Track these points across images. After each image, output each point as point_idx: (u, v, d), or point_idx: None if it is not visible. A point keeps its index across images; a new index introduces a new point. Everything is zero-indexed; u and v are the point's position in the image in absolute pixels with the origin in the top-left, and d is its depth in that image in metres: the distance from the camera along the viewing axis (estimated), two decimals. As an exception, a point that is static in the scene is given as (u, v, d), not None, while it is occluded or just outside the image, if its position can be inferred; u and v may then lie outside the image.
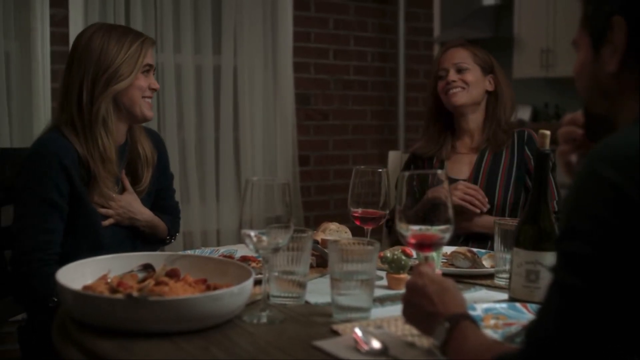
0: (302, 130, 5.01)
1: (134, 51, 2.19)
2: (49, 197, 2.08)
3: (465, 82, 2.66)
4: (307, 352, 1.29)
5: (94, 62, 2.16)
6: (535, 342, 0.99)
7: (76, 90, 2.16)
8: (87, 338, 1.34)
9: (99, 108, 2.15)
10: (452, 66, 2.68)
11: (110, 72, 2.16)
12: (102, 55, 2.16)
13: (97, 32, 2.19)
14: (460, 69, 2.67)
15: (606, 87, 1.15)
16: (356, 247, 1.50)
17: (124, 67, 2.17)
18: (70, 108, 2.17)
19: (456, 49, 2.74)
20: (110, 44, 2.17)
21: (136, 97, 2.22)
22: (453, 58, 2.70)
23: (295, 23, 4.89)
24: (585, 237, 0.96)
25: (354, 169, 1.99)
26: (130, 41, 2.20)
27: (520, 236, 1.62)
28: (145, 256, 1.68)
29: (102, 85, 2.15)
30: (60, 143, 2.12)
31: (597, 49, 1.15)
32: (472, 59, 2.70)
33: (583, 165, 1.00)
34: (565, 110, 6.00)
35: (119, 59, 2.17)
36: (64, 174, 2.10)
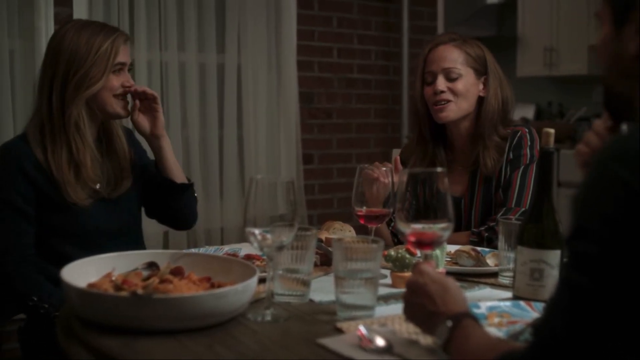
0: (306, 128, 5.01)
1: (104, 51, 2.12)
2: (12, 202, 2.08)
3: (455, 92, 2.34)
4: (311, 350, 1.29)
5: (64, 64, 2.11)
6: (543, 340, 0.98)
7: (47, 92, 2.13)
8: (91, 336, 1.34)
9: (71, 113, 2.11)
10: (440, 71, 2.34)
11: (81, 75, 2.10)
12: (71, 56, 2.10)
13: (69, 31, 2.14)
14: (450, 77, 2.34)
15: (626, 67, 1.12)
16: (360, 246, 1.50)
17: (94, 70, 2.11)
18: (41, 111, 2.14)
19: (446, 47, 2.37)
20: (80, 45, 2.11)
21: (107, 98, 2.16)
22: (443, 60, 2.35)
23: (299, 21, 4.89)
24: (594, 236, 0.95)
25: (358, 168, 1.99)
26: (100, 41, 2.12)
27: (524, 235, 1.62)
28: (150, 254, 1.69)
29: (72, 89, 2.10)
30: (21, 149, 2.11)
31: (619, 26, 1.12)
32: (465, 60, 2.36)
33: (593, 163, 1.00)
34: (570, 109, 6.00)
35: (89, 61, 2.10)
36: (26, 179, 2.09)
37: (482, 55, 2.40)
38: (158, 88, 4.19)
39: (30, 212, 2.11)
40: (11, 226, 2.09)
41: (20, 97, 3.84)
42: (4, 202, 2.08)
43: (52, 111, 2.12)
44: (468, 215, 2.40)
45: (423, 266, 1.31)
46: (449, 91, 2.34)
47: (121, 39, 2.17)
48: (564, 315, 0.97)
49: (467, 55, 2.36)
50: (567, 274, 0.99)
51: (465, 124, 2.40)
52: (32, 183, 2.10)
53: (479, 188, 2.39)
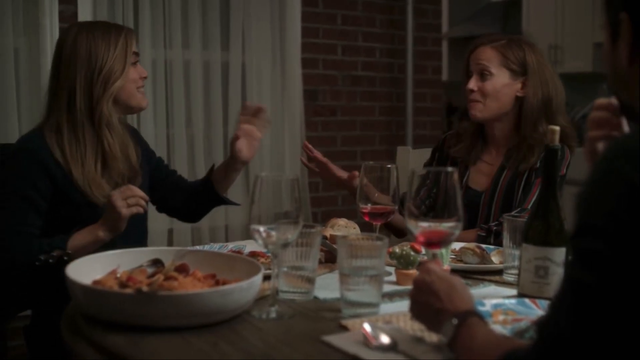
0: (310, 126, 5.01)
1: (121, 46, 2.20)
2: (26, 194, 2.09)
3: (484, 93, 2.43)
4: (315, 348, 1.29)
5: (85, 64, 2.16)
6: (547, 338, 0.98)
7: (65, 94, 2.17)
8: (96, 333, 1.35)
9: (102, 110, 2.16)
10: (476, 68, 2.46)
11: (106, 72, 2.17)
12: (93, 56, 2.16)
13: (80, 33, 2.19)
14: (483, 73, 2.43)
15: (623, 77, 1.14)
16: (365, 243, 1.50)
17: (116, 65, 2.18)
18: (59, 112, 2.17)
19: (485, 48, 2.47)
20: (97, 44, 2.17)
21: (132, 90, 2.25)
22: (479, 58, 2.45)
23: (304, 19, 4.88)
24: (599, 233, 0.95)
25: (363, 165, 1.99)
26: (115, 37, 2.20)
27: (529, 232, 1.62)
28: (155, 251, 1.69)
29: (100, 87, 2.16)
30: (41, 144, 2.14)
31: (614, 40, 1.14)
32: (499, 61, 2.44)
33: (598, 161, 1.00)
34: (574, 107, 5.98)
35: (111, 57, 2.18)
36: (43, 171, 2.11)
37: (522, 57, 2.46)
38: (162, 86, 4.19)
39: (43, 205, 2.12)
40: (20, 218, 2.09)
41: (25, 94, 3.84)
42: (16, 194, 2.09)
43: (75, 112, 2.16)
44: (487, 210, 2.45)
45: (430, 264, 1.31)
46: (478, 91, 2.44)
47: (131, 32, 2.26)
48: (569, 313, 0.97)
49: (503, 57, 2.44)
50: (572, 271, 0.99)
51: (500, 124, 2.49)
52: (51, 178, 2.12)
53: (502, 185, 2.44)
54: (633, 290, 0.93)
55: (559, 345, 0.96)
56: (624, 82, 1.15)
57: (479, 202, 2.46)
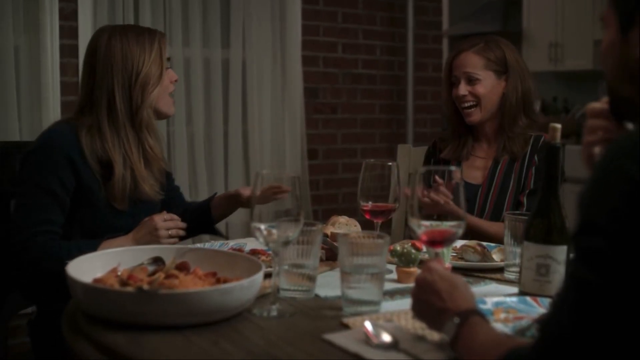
0: (311, 123, 5.01)
1: (156, 51, 2.20)
2: (50, 188, 2.07)
3: (477, 95, 2.55)
4: (317, 346, 1.29)
5: (121, 68, 2.15)
6: (549, 336, 0.98)
7: (105, 95, 2.15)
8: (97, 331, 1.35)
9: (142, 115, 2.17)
10: (462, 75, 2.57)
11: (143, 77, 2.16)
12: (129, 60, 2.16)
13: (114, 36, 2.17)
14: (471, 78, 2.55)
15: (633, 71, 1.12)
16: (366, 241, 1.50)
17: (153, 70, 2.18)
18: (98, 112, 2.15)
19: (467, 54, 2.58)
20: (132, 48, 2.16)
21: (164, 95, 2.24)
22: (464, 65, 2.57)
23: (304, 16, 4.88)
24: (602, 231, 0.95)
25: (364, 163, 1.99)
26: (149, 42, 2.19)
27: (530, 230, 1.61)
28: (155, 249, 1.69)
29: (139, 91, 2.16)
30: (68, 137, 2.11)
31: (625, 31, 1.12)
32: (484, 64, 2.56)
33: (601, 159, 0.99)
34: (575, 105, 5.98)
35: (147, 61, 2.17)
36: (70, 168, 2.09)
37: (502, 56, 2.58)
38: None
39: (66, 201, 2.10)
40: (44, 213, 2.07)
41: (25, 92, 3.84)
42: (40, 187, 2.07)
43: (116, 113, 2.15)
44: (483, 203, 2.55)
45: (432, 263, 1.31)
46: (470, 94, 2.56)
47: (163, 36, 2.26)
48: (571, 311, 0.96)
49: (486, 60, 2.57)
50: (574, 269, 0.99)
51: (490, 122, 2.61)
52: (76, 173, 2.10)
53: (497, 178, 2.56)
54: (635, 289, 0.93)
55: (561, 344, 0.96)
56: (631, 76, 1.12)
57: (476, 195, 2.56)
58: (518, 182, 2.53)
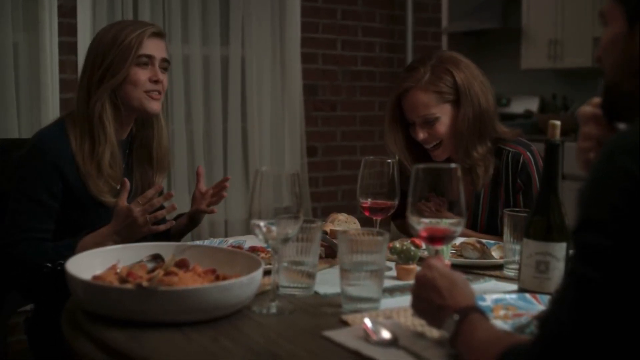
0: (310, 121, 5.01)
1: (128, 43, 2.11)
2: (38, 197, 2.06)
3: (437, 136, 2.29)
4: (316, 343, 1.29)
5: (92, 57, 2.14)
6: (549, 333, 0.98)
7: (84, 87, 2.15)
8: (96, 328, 1.34)
9: (94, 104, 2.10)
10: (417, 118, 2.29)
11: (105, 66, 2.10)
12: (100, 51, 2.12)
13: (105, 29, 2.18)
14: (428, 120, 2.27)
15: (637, 65, 1.11)
16: (365, 238, 1.50)
17: (116, 60, 2.10)
18: (78, 104, 2.15)
19: (415, 92, 2.27)
20: (107, 37, 2.12)
21: (132, 92, 2.14)
22: (416, 108, 2.28)
23: (303, 13, 4.88)
24: (602, 228, 0.95)
25: (363, 160, 1.99)
26: (127, 33, 2.12)
27: (530, 227, 1.61)
28: (155, 246, 1.69)
29: (97, 80, 2.11)
30: (57, 140, 2.10)
31: (632, 24, 1.11)
32: (436, 99, 2.26)
33: (600, 156, 0.99)
34: (574, 102, 5.98)
35: (112, 52, 2.10)
36: (57, 173, 2.07)
37: (452, 82, 2.27)
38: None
39: (54, 207, 2.09)
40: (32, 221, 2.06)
41: (24, 89, 3.84)
42: (27, 196, 2.06)
43: (79, 102, 2.14)
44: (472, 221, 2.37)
45: (432, 261, 1.31)
46: (430, 137, 2.30)
47: (149, 31, 2.16)
48: (571, 308, 0.96)
49: (438, 94, 2.27)
50: (575, 266, 0.99)
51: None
52: (64, 178, 2.08)
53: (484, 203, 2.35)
54: (636, 286, 0.93)
55: (561, 341, 0.96)
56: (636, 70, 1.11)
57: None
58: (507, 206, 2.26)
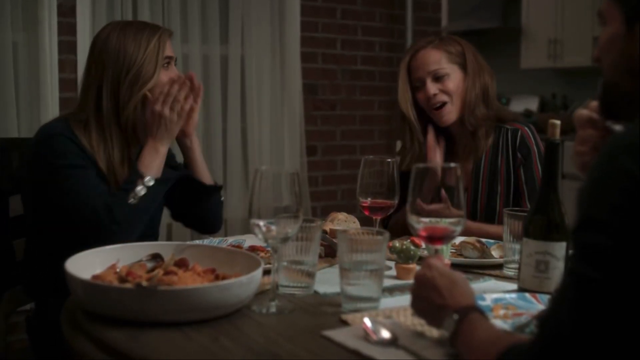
0: (310, 120, 5.01)
1: (153, 47, 2.12)
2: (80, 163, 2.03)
3: (448, 92, 2.35)
4: (316, 342, 1.29)
5: (112, 63, 2.10)
6: (549, 332, 0.98)
7: (94, 92, 2.11)
8: (96, 328, 1.34)
9: (128, 113, 2.10)
10: (427, 75, 2.36)
11: (134, 74, 2.09)
12: (121, 55, 2.10)
13: (113, 32, 2.13)
14: (438, 75, 2.36)
15: (635, 65, 1.11)
16: (365, 237, 1.50)
17: (146, 66, 2.11)
18: (87, 108, 2.11)
19: (426, 51, 2.38)
20: (128, 43, 2.10)
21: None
22: (426, 64, 2.36)
23: (303, 13, 4.88)
24: (602, 227, 0.95)
25: (363, 159, 1.99)
26: (147, 37, 2.12)
27: (530, 226, 1.61)
28: (154, 246, 1.68)
29: (127, 88, 2.09)
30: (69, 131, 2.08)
31: (630, 24, 1.11)
32: (448, 58, 2.37)
33: (600, 155, 0.99)
34: (574, 101, 5.98)
35: (140, 59, 2.10)
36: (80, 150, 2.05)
37: (460, 50, 2.40)
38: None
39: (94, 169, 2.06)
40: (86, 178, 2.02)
41: (24, 88, 3.84)
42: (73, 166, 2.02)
43: (102, 111, 2.10)
44: (472, 207, 2.41)
45: (432, 260, 1.31)
46: (441, 92, 2.35)
47: (166, 34, 2.18)
48: (571, 307, 0.96)
49: (448, 54, 2.38)
50: (575, 265, 0.99)
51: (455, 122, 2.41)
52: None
53: (483, 180, 2.41)
54: (636, 285, 0.93)
55: (561, 340, 0.96)
56: (633, 70, 1.12)
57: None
58: (507, 186, 2.37)
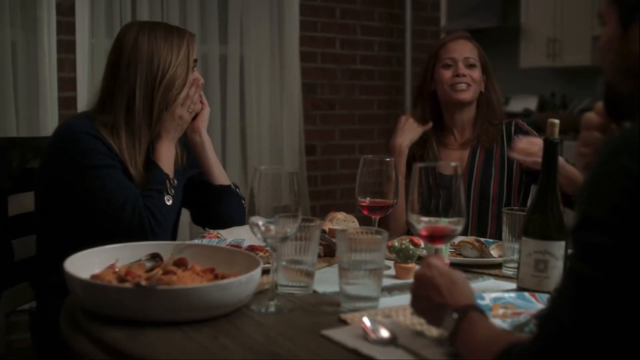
0: (309, 119, 5.01)
1: (184, 52, 2.14)
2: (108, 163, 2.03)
3: (473, 79, 2.60)
4: (315, 342, 1.29)
5: (145, 68, 2.08)
6: (549, 331, 0.98)
7: (125, 93, 2.09)
8: (95, 327, 1.34)
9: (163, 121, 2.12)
10: (462, 59, 2.60)
11: (169, 79, 2.10)
12: (155, 60, 2.09)
13: (142, 33, 2.11)
14: (470, 64, 2.61)
15: (632, 66, 1.12)
16: (364, 237, 1.50)
17: (179, 72, 2.12)
18: (116, 111, 2.09)
19: (465, 41, 2.66)
20: (160, 47, 2.10)
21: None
22: (463, 51, 2.63)
23: (302, 12, 4.88)
24: (602, 227, 0.95)
25: (362, 158, 1.98)
26: (178, 42, 2.13)
27: (528, 225, 1.61)
28: (153, 245, 1.68)
29: (161, 93, 2.09)
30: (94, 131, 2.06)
31: (625, 25, 1.12)
32: (478, 55, 2.64)
33: (601, 155, 0.99)
34: (573, 100, 5.98)
35: (174, 64, 2.11)
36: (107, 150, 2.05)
37: (486, 59, 2.67)
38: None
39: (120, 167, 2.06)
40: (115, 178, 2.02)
41: (23, 88, 3.83)
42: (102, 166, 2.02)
43: (134, 113, 2.09)
44: (466, 194, 2.54)
45: (432, 259, 1.31)
46: (469, 77, 2.59)
47: (193, 37, 2.20)
48: (572, 306, 0.96)
49: (479, 51, 2.66)
50: (574, 264, 0.99)
51: (471, 109, 2.65)
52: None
53: (478, 164, 2.59)
54: (636, 285, 0.93)
55: (561, 339, 0.96)
56: (630, 71, 1.12)
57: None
58: (501, 170, 2.56)
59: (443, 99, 2.64)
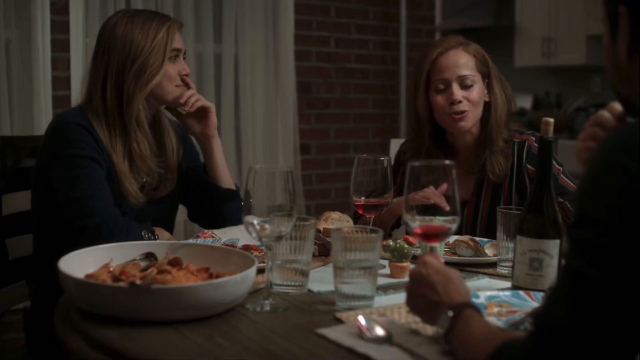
0: (304, 118, 5.00)
1: (161, 39, 2.07)
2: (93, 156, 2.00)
3: (471, 101, 2.23)
4: (311, 340, 1.29)
5: (117, 52, 2.04)
6: (545, 328, 0.98)
7: (100, 80, 2.07)
8: (90, 327, 1.34)
9: (132, 107, 2.05)
10: (455, 79, 2.23)
11: (139, 65, 2.04)
12: (127, 43, 2.04)
13: (121, 19, 2.08)
14: (465, 84, 2.24)
15: (623, 72, 1.14)
16: (359, 236, 1.50)
17: (152, 58, 2.06)
18: (96, 99, 2.08)
19: (457, 51, 2.26)
20: (135, 32, 2.05)
21: (167, 87, 2.12)
22: (456, 67, 2.23)
23: (297, 11, 4.88)
24: (599, 225, 0.95)
25: (356, 158, 1.98)
26: (156, 27, 2.07)
27: (523, 224, 1.62)
28: (148, 245, 1.68)
29: (132, 80, 2.04)
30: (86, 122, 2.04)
31: (613, 35, 1.14)
32: (475, 65, 2.26)
33: (597, 153, 1.00)
34: (567, 99, 5.99)
35: (146, 50, 2.05)
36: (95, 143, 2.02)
37: (484, 56, 2.31)
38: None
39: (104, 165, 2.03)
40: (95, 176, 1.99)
41: (17, 87, 3.83)
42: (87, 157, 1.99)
43: (107, 101, 2.06)
44: (472, 221, 2.32)
45: (427, 257, 1.31)
46: (465, 102, 2.23)
47: (175, 25, 2.13)
48: (568, 304, 0.97)
49: (476, 60, 2.28)
50: (570, 262, 0.99)
51: (473, 131, 2.31)
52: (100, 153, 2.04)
53: (486, 195, 2.30)
54: (634, 282, 0.93)
55: (557, 336, 0.96)
56: (624, 76, 1.14)
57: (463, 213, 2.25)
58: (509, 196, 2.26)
59: (441, 124, 2.31)
